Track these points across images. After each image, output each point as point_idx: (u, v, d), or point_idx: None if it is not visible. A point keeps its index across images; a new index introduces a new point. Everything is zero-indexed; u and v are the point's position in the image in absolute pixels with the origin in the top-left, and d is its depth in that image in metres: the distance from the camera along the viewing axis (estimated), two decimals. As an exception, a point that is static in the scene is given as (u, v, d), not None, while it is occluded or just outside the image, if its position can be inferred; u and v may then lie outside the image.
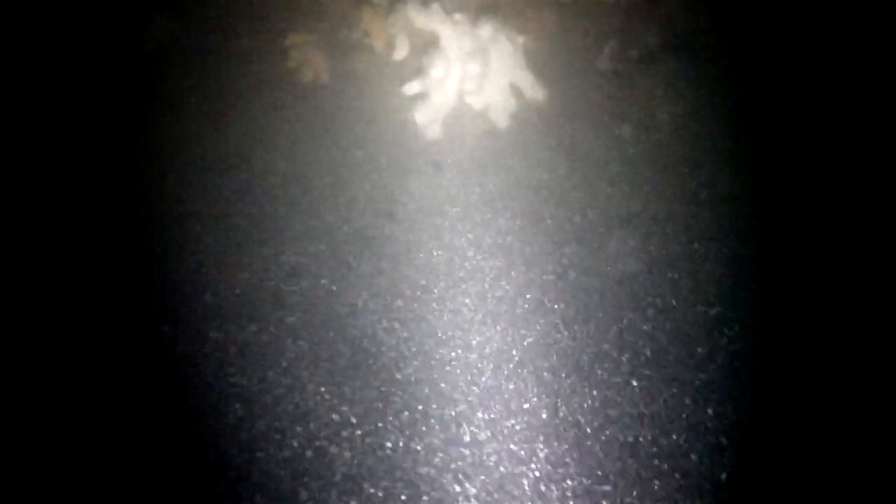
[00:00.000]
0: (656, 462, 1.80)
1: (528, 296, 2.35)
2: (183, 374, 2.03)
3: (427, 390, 2.15)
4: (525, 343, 2.24)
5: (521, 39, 2.79)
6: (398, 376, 2.17)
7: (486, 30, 2.71)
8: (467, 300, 2.37)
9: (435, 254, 2.46)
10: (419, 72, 2.75)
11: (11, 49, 3.07)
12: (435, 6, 2.75)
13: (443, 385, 2.16)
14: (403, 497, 1.83)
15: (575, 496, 1.77)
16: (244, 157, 2.79)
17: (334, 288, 2.37)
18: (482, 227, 2.52)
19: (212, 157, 2.79)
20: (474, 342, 2.26)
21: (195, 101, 2.96)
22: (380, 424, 2.02)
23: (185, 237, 2.52)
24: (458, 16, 2.74)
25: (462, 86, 2.72)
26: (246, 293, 2.34)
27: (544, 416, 2.02)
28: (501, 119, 2.72)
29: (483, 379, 2.17)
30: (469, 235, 2.50)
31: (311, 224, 2.55)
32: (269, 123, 2.85)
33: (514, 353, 2.23)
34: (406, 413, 2.07)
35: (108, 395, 1.94)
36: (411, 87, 2.73)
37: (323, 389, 2.07)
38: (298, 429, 1.96)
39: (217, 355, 2.14)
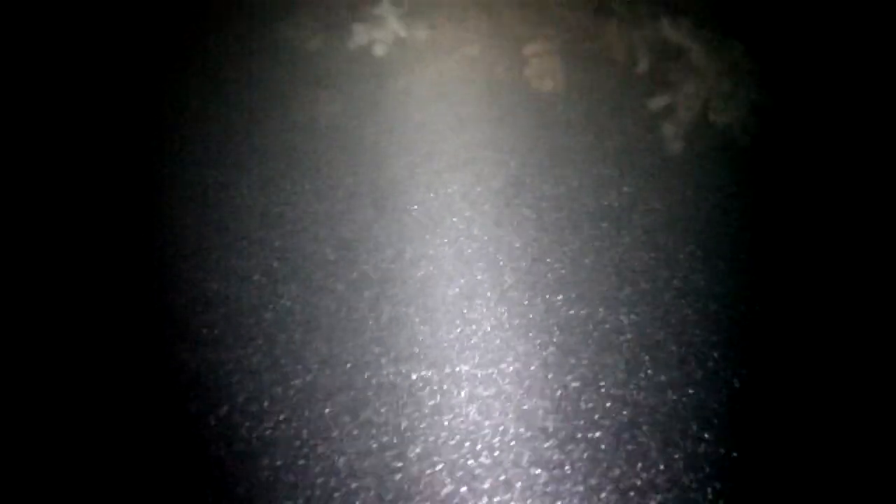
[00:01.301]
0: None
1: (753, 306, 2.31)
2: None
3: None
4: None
5: (766, 59, 2.77)
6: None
7: (737, 49, 2.70)
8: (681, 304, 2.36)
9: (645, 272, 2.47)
10: (666, 86, 2.77)
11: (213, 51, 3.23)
12: (685, 21, 2.76)
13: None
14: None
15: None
16: (473, 160, 2.86)
17: (551, 296, 2.41)
18: (716, 242, 2.50)
19: (440, 158, 2.88)
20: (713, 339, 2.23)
21: (424, 105, 3.07)
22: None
23: (408, 236, 2.62)
24: (707, 32, 2.74)
25: (708, 103, 2.72)
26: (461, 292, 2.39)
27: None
28: (743, 138, 2.71)
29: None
30: (700, 252, 2.49)
31: (532, 234, 2.59)
32: (500, 129, 2.92)
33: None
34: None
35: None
36: (658, 101, 2.75)
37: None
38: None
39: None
